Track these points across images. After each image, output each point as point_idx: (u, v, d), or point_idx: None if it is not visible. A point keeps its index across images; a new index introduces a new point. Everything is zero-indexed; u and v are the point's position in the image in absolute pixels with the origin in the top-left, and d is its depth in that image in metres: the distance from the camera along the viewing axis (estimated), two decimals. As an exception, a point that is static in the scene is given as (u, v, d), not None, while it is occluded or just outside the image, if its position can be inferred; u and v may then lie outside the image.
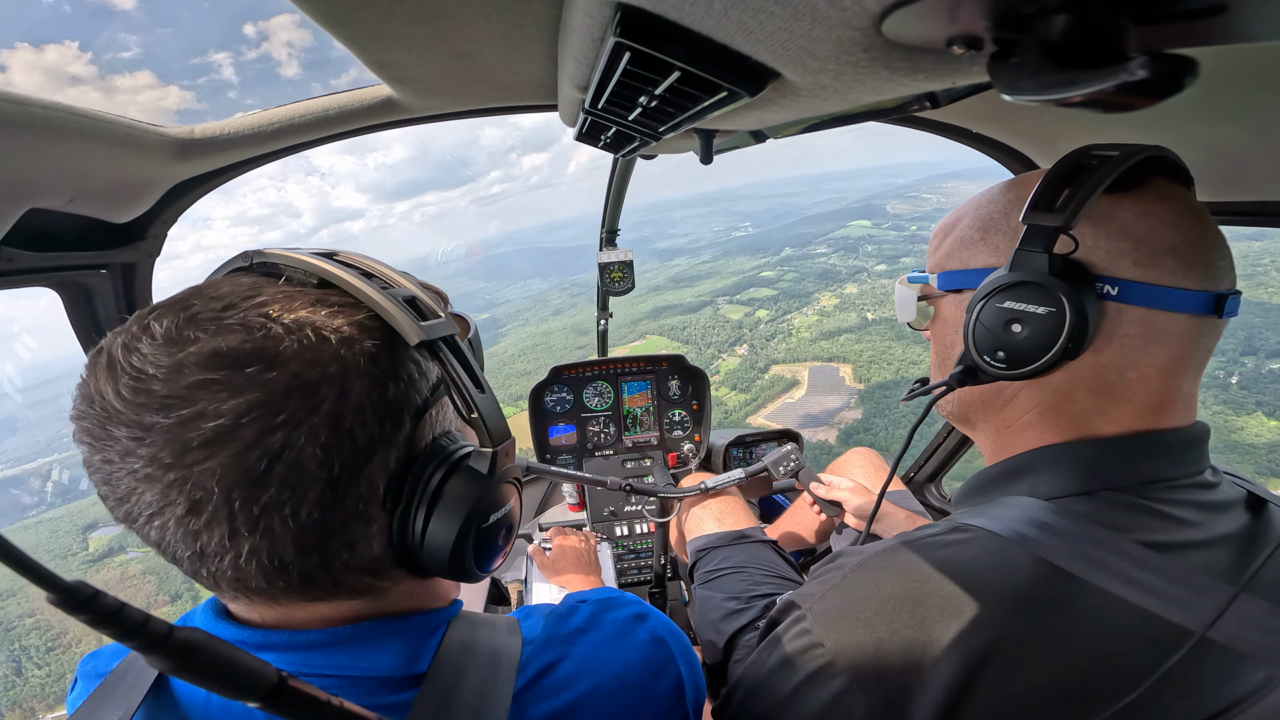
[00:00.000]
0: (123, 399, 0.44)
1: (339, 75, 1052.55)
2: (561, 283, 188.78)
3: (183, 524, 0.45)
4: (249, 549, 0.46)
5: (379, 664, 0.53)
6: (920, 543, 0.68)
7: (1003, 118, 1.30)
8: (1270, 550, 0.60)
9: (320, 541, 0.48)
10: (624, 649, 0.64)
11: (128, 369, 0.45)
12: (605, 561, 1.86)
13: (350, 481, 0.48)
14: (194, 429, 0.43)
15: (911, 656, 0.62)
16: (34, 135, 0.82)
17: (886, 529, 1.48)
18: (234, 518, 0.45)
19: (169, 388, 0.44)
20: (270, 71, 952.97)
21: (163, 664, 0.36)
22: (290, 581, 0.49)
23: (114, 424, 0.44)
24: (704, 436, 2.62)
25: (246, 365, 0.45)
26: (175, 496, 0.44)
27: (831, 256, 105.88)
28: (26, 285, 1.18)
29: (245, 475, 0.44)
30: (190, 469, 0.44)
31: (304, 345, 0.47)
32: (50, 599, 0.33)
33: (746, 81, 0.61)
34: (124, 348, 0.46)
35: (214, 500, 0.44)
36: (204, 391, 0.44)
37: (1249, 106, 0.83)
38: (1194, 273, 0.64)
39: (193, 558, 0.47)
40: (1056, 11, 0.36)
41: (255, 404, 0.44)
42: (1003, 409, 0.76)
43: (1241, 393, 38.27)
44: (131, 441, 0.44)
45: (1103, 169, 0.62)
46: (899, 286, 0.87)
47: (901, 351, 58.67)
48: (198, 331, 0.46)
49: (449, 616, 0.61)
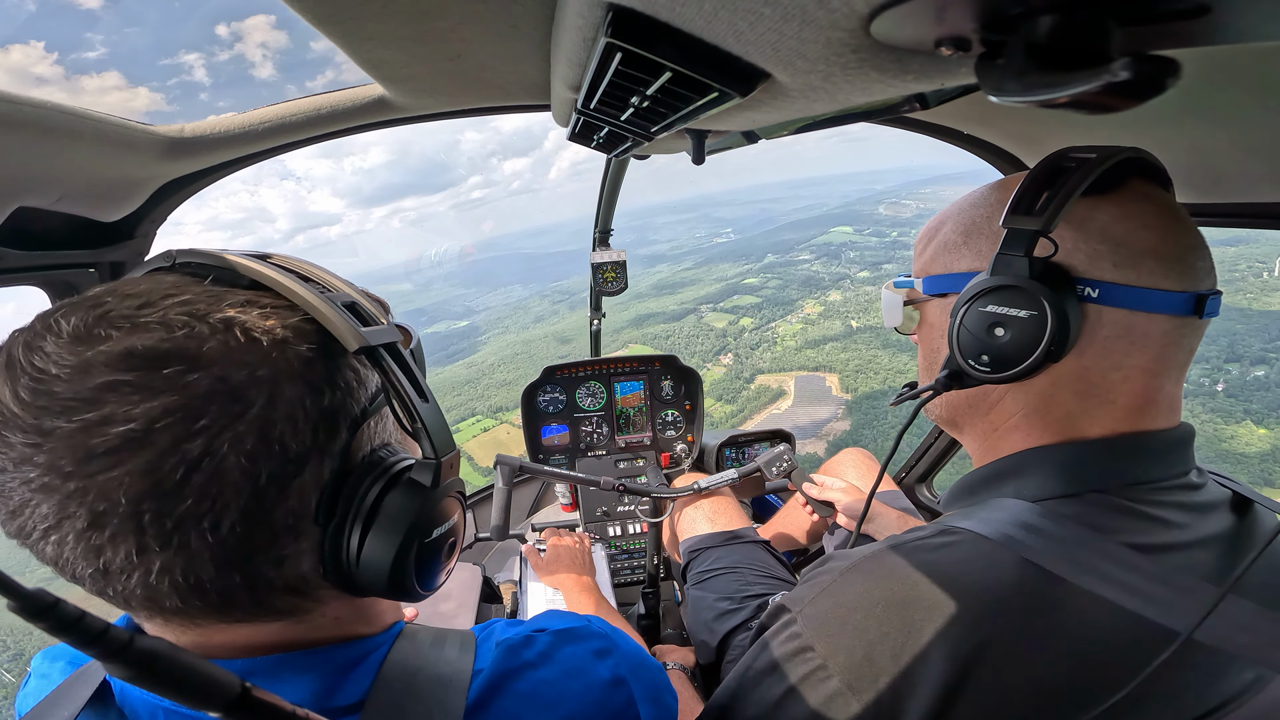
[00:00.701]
0: (21, 401, 0.40)
1: (315, 77, 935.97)
2: (543, 289, 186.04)
3: (83, 539, 0.41)
4: (160, 565, 0.42)
5: (287, 699, 0.48)
6: (909, 546, 0.68)
7: (991, 119, 1.31)
8: (1256, 552, 0.60)
9: (243, 558, 0.45)
10: (577, 688, 0.60)
11: (28, 369, 0.41)
12: (599, 562, 1.86)
13: (279, 493, 0.45)
14: (99, 434, 0.40)
15: (901, 659, 0.62)
16: (22, 133, 0.82)
17: (878, 529, 1.49)
18: (143, 532, 0.41)
19: (73, 389, 0.40)
20: (244, 73, 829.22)
21: (123, 672, 0.35)
22: (208, 601, 0.45)
23: (9, 429, 0.40)
24: (697, 437, 2.63)
25: (164, 366, 0.41)
26: (75, 509, 0.40)
27: (815, 263, 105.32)
28: (14, 284, 1.17)
29: (157, 486, 0.41)
30: (93, 478, 0.40)
31: (231, 346, 0.44)
32: (10, 606, 0.32)
33: (737, 82, 0.62)
34: (25, 346, 0.42)
35: (119, 513, 0.40)
36: (113, 394, 0.40)
37: (1230, 109, 0.84)
38: (1173, 273, 0.65)
39: (95, 575, 0.43)
40: (1042, 13, 0.37)
41: (172, 408, 0.41)
42: (989, 412, 0.76)
43: (1229, 401, 38.38)
44: (28, 448, 0.40)
45: (1080, 171, 0.63)
46: (885, 291, 0.88)
47: (888, 360, 58.10)
48: (109, 329, 0.42)
49: (385, 641, 0.57)
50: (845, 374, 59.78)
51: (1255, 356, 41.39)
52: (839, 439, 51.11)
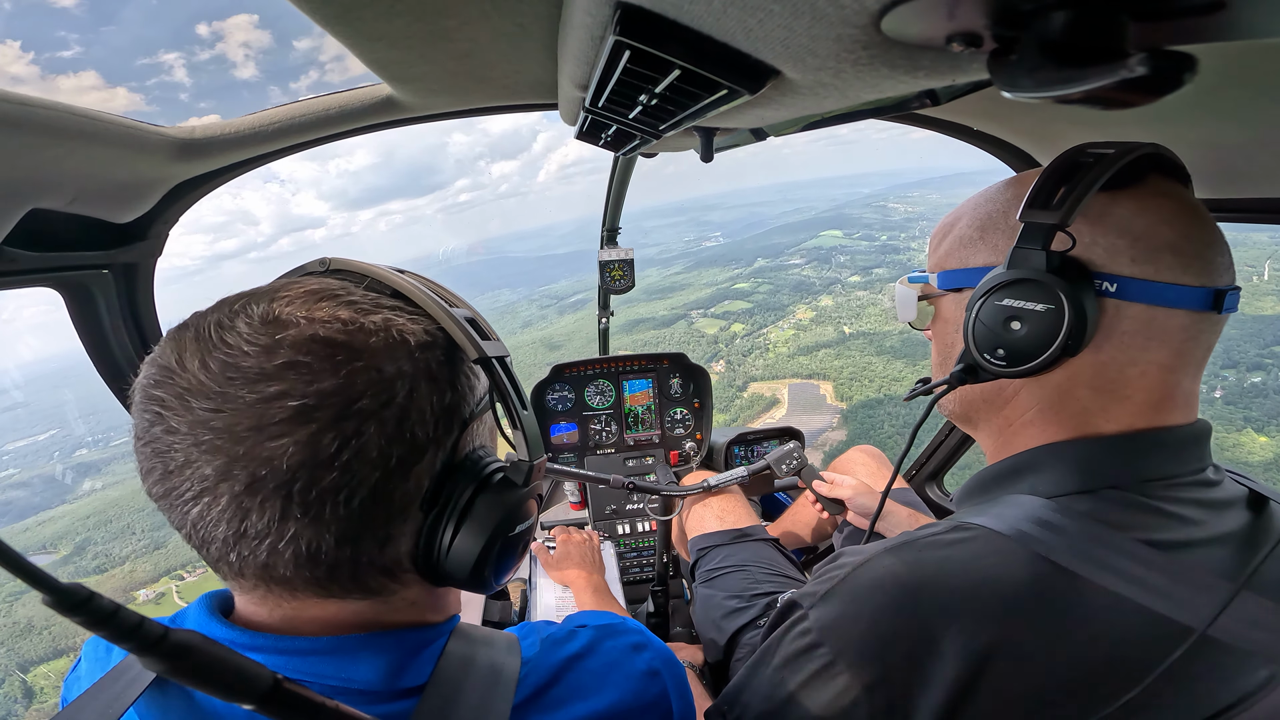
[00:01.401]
0: (209, 371, 0.46)
1: (298, 78, 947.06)
2: (530, 294, 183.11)
3: (235, 501, 0.46)
4: (293, 533, 0.47)
5: (358, 676, 0.53)
6: (922, 542, 0.68)
7: (1003, 115, 1.30)
8: (1270, 548, 0.60)
9: (360, 532, 0.50)
10: (618, 678, 0.64)
11: (219, 344, 0.47)
12: (608, 560, 1.87)
13: (402, 477, 0.51)
14: (276, 405, 0.46)
15: (914, 656, 0.62)
16: (36, 136, 0.83)
17: (889, 527, 1.48)
18: (290, 499, 0.46)
19: (259, 365, 0.46)
20: (225, 73, 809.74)
21: (157, 665, 0.37)
22: (316, 573, 0.50)
23: (194, 395, 0.46)
24: (705, 434, 2.62)
25: (336, 354, 0.48)
26: (238, 471, 0.45)
27: (805, 268, 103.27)
28: (29, 285, 1.19)
29: (314, 456, 0.46)
30: (262, 445, 0.45)
31: (388, 344, 0.51)
32: (46, 601, 0.33)
33: (746, 79, 0.61)
34: (217, 325, 0.49)
35: (277, 479, 0.46)
36: (293, 371, 0.46)
37: (1247, 104, 0.83)
38: (1192, 269, 0.64)
39: (229, 539, 0.47)
40: (1055, 8, 0.36)
41: (339, 389, 0.47)
42: (1004, 407, 0.76)
43: (1228, 408, 37.51)
44: (207, 413, 0.46)
45: (1098, 166, 0.63)
46: (899, 286, 0.87)
47: (883, 367, 56.38)
48: (296, 316, 0.49)
49: (446, 631, 0.61)
50: (840, 381, 58.02)
51: (1251, 362, 40.40)
52: (835, 449, 49.06)
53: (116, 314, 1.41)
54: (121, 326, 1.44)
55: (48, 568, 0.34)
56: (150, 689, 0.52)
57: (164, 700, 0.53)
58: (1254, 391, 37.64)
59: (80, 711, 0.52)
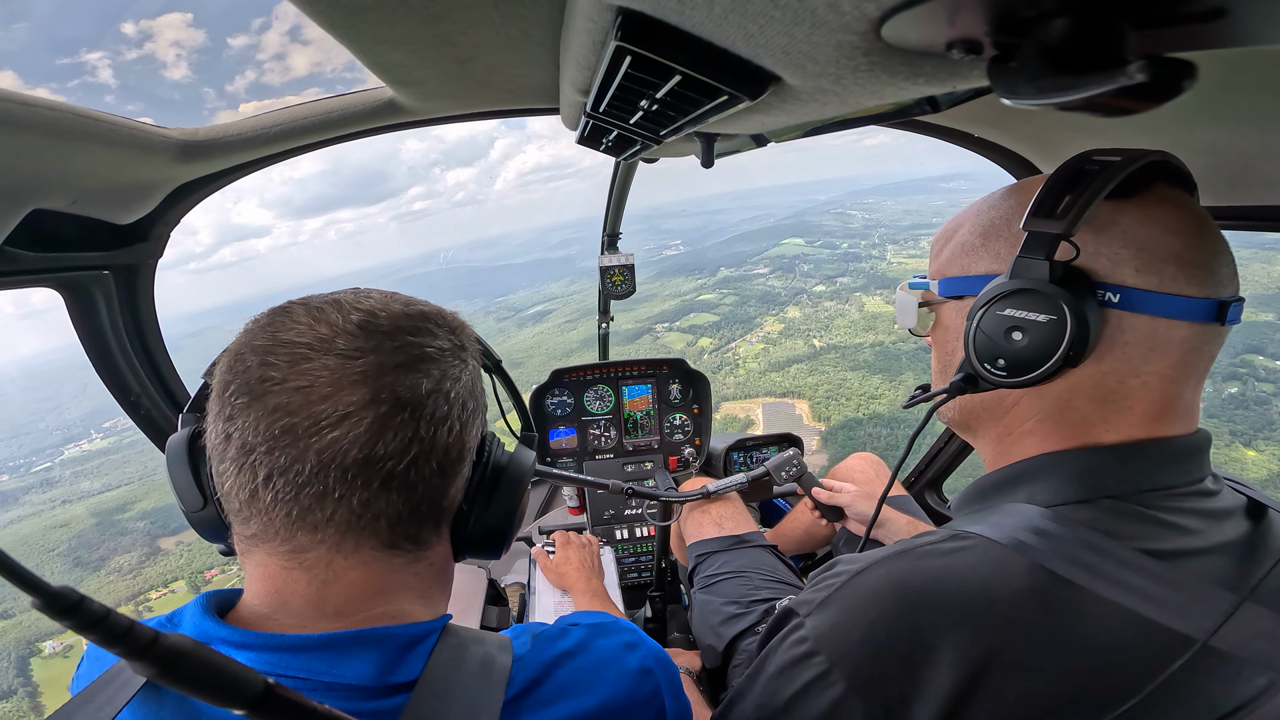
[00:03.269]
0: (352, 324, 0.58)
1: (233, 79, 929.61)
2: (488, 305, 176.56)
3: (379, 421, 0.55)
4: (414, 455, 0.57)
5: (351, 672, 0.54)
6: (919, 550, 0.68)
7: (1003, 122, 1.30)
8: (1275, 560, 0.60)
9: (431, 471, 0.60)
10: (610, 676, 0.65)
11: (358, 306, 0.60)
12: (607, 565, 1.86)
13: (473, 422, 0.65)
14: (416, 349, 0.59)
15: (910, 664, 0.62)
16: (38, 136, 0.83)
17: (887, 534, 1.48)
18: (419, 420, 0.57)
19: (396, 324, 0.60)
20: (154, 74, 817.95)
21: (148, 670, 0.36)
22: (405, 508, 0.59)
23: (342, 337, 0.57)
24: (705, 440, 2.62)
25: (440, 324, 0.64)
26: (385, 396, 0.56)
27: (770, 278, 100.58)
28: (29, 285, 1.19)
29: (434, 391, 0.59)
30: (400, 379, 0.57)
31: (464, 325, 0.69)
32: (35, 604, 0.33)
33: (747, 85, 0.62)
34: (353, 295, 0.62)
35: (409, 404, 0.57)
36: (426, 324, 0.62)
37: (1251, 110, 0.83)
38: (1196, 279, 0.64)
39: (353, 466, 0.55)
40: (1056, 15, 0.36)
41: (455, 346, 0.64)
42: (1004, 416, 0.76)
43: (1211, 422, 35.93)
44: (354, 352, 0.56)
45: (1104, 174, 0.62)
46: (900, 292, 0.87)
47: (859, 384, 53.19)
48: (406, 297, 0.65)
49: (436, 629, 0.61)
50: (816, 400, 54.16)
51: (1226, 373, 39.14)
52: (818, 473, 46.76)
53: (116, 315, 1.41)
54: (121, 327, 1.44)
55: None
56: (143, 692, 0.52)
57: (158, 703, 0.52)
58: (1233, 403, 36.58)
59: (71, 715, 0.52)
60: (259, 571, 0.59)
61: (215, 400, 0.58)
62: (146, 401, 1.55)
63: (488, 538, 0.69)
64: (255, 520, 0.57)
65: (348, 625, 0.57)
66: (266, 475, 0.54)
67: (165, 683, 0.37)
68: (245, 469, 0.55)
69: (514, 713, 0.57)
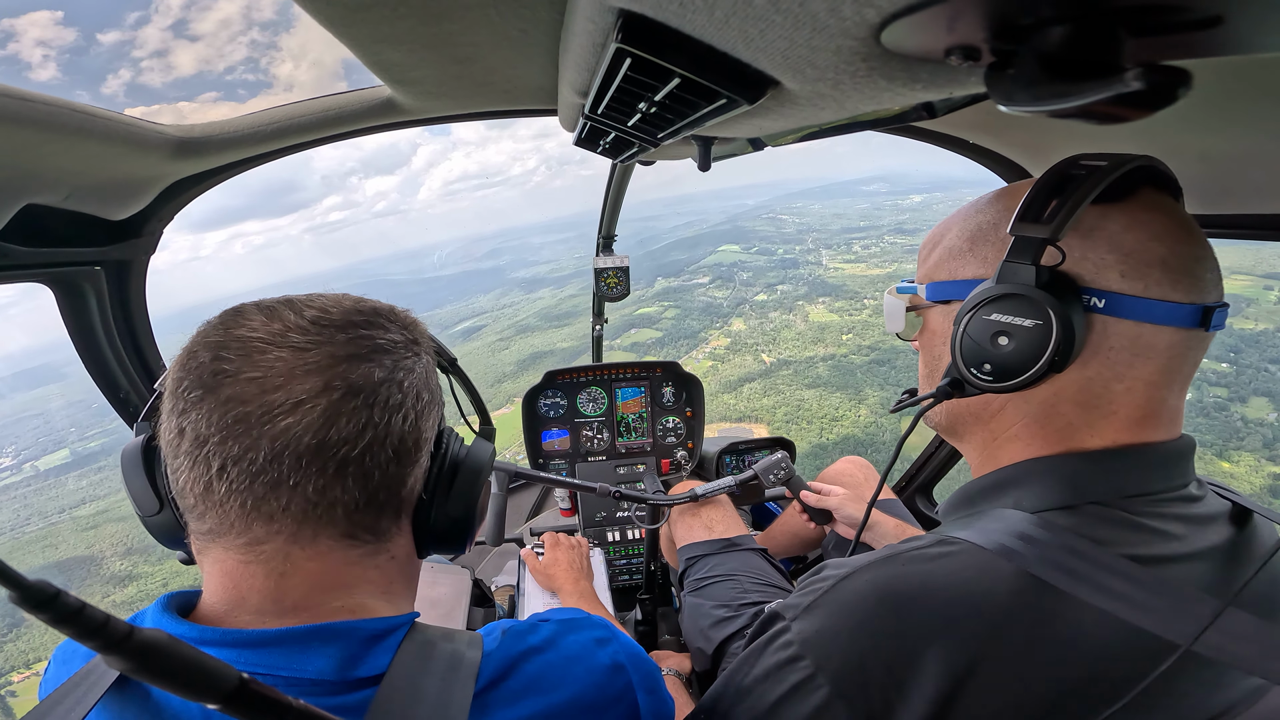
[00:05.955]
0: (306, 319, 0.59)
1: (106, 78, 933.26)
2: None
3: (332, 408, 0.56)
4: (368, 440, 0.58)
5: (310, 667, 0.54)
6: (905, 555, 0.68)
7: (998, 128, 1.32)
8: (1259, 565, 0.60)
9: (405, 451, 0.62)
10: (580, 672, 0.64)
11: (310, 305, 0.61)
12: (598, 567, 1.86)
13: (429, 414, 0.65)
14: (368, 341, 0.61)
15: (895, 669, 0.62)
16: (32, 131, 0.82)
17: (876, 538, 1.48)
18: (373, 407, 0.58)
19: (348, 318, 0.61)
20: (19, 75, 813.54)
21: (123, 664, 0.36)
22: (336, 498, 0.57)
23: (295, 331, 0.58)
24: (697, 443, 2.62)
25: (392, 320, 0.65)
26: (338, 384, 0.56)
27: (710, 287, 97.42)
28: (20, 280, 1.18)
29: (387, 380, 0.60)
30: (354, 368, 0.58)
31: (418, 321, 0.70)
32: (12, 597, 0.33)
33: (746, 89, 0.62)
34: (303, 298, 0.63)
35: (362, 392, 0.58)
36: (378, 319, 0.64)
37: (1242, 118, 0.84)
38: (1181, 285, 0.64)
39: (306, 451, 0.55)
40: (1053, 23, 0.37)
41: (400, 340, 0.64)
42: (989, 421, 0.76)
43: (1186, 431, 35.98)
44: (309, 344, 0.57)
45: (1091, 179, 0.62)
46: (888, 297, 0.87)
47: (817, 404, 49.61)
48: (352, 298, 0.66)
49: (403, 624, 0.61)
50: (775, 424, 49.02)
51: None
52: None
53: (107, 311, 1.40)
54: (112, 323, 1.43)
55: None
56: (109, 693, 0.52)
57: (121, 701, 0.52)
58: (1193, 410, 36.02)
59: (42, 718, 0.52)
60: (216, 568, 0.58)
61: (169, 398, 0.58)
62: (135, 398, 1.54)
63: (449, 531, 0.68)
64: (211, 514, 0.56)
65: (306, 620, 0.57)
66: (220, 466, 0.54)
67: (140, 677, 0.37)
68: (199, 461, 0.55)
69: (482, 706, 0.57)
